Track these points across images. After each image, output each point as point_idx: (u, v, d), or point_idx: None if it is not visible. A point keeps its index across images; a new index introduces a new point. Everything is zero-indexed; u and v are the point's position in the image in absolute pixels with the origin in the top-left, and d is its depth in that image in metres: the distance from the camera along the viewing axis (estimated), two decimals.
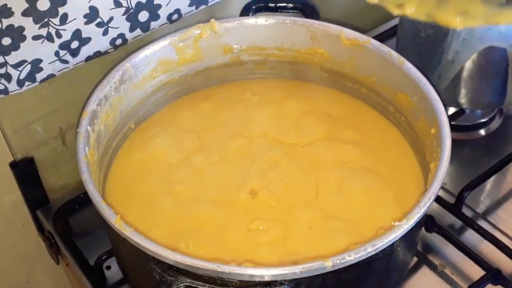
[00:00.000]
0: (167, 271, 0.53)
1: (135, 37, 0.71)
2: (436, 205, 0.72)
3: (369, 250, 0.52)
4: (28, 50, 0.63)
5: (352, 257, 0.51)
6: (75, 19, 0.65)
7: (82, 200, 0.74)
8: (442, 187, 0.76)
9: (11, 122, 0.71)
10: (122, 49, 0.72)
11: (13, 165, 0.74)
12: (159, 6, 0.71)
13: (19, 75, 0.65)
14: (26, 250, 0.83)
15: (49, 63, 0.66)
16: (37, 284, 0.87)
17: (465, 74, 0.75)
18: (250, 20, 0.74)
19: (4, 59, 0.62)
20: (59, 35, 0.65)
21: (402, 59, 0.68)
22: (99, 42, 0.68)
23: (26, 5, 0.60)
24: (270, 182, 0.66)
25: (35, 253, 0.83)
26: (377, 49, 0.70)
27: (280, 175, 0.66)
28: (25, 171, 0.75)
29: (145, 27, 0.71)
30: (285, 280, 0.51)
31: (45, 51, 0.65)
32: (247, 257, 0.58)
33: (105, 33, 0.68)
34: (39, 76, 0.67)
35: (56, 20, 0.63)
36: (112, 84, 0.67)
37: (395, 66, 0.68)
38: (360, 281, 0.57)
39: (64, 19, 0.64)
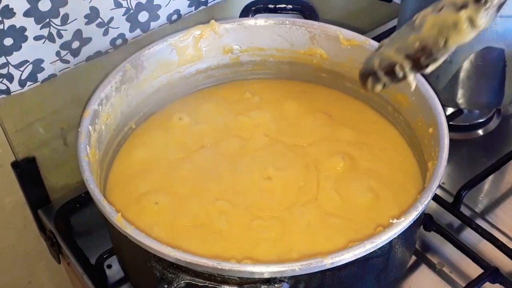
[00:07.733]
0: (167, 269, 0.53)
1: (135, 37, 0.72)
2: (434, 204, 0.72)
3: (368, 247, 0.52)
4: (29, 50, 0.64)
5: (350, 255, 0.52)
6: (76, 19, 0.65)
7: (83, 199, 0.74)
8: (441, 187, 0.76)
9: (13, 122, 0.71)
10: (122, 49, 0.72)
11: (15, 165, 0.74)
12: (158, 7, 0.71)
13: (21, 75, 0.65)
14: (28, 249, 0.83)
15: (50, 63, 0.67)
16: (39, 283, 0.87)
17: (463, 74, 0.75)
18: (250, 21, 0.75)
19: (6, 59, 0.63)
20: (60, 35, 0.65)
21: None
22: (99, 42, 0.69)
23: (28, 6, 0.61)
24: (270, 181, 0.66)
25: (37, 253, 0.84)
26: None
27: (280, 174, 0.67)
28: (27, 171, 0.75)
29: (145, 27, 0.72)
30: (285, 277, 0.52)
31: (47, 51, 0.65)
32: (247, 254, 0.59)
33: (105, 33, 0.69)
34: (41, 76, 0.67)
35: (57, 21, 0.64)
36: (113, 84, 0.67)
37: None
38: (359, 279, 0.57)
39: (65, 19, 0.64)
